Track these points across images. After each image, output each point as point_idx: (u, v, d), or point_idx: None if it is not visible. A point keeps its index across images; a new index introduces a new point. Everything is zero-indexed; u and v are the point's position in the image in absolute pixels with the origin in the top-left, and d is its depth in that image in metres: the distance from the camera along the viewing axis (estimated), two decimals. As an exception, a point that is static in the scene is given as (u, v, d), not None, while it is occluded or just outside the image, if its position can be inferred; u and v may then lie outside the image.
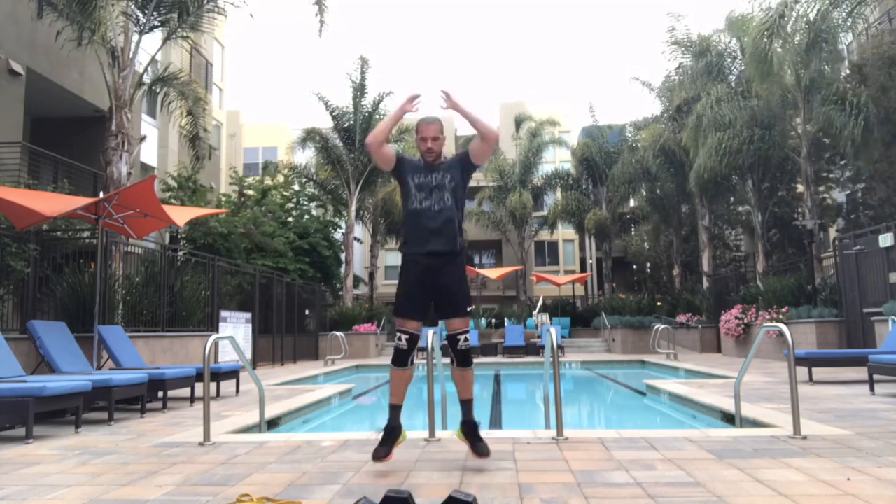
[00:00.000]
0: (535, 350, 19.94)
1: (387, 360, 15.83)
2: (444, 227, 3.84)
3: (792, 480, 3.40)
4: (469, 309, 3.95)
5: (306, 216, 26.67)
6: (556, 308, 27.09)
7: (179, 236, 18.32)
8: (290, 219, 25.94)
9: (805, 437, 4.60)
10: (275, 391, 9.17)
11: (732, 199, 25.58)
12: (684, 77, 22.53)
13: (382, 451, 3.74)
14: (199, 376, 8.05)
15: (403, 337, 3.86)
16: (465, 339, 3.89)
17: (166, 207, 8.62)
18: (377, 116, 25.76)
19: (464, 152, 4.01)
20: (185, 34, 13.44)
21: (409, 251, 3.90)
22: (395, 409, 3.90)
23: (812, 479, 3.43)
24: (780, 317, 14.69)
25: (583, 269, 39.39)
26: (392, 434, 3.82)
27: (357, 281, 28.82)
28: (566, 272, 38.79)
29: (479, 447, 3.85)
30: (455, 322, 3.88)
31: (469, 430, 3.90)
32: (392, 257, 38.74)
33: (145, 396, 6.80)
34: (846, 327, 13.13)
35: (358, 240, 30.45)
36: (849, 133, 15.08)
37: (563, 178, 32.18)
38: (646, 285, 32.29)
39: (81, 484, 3.64)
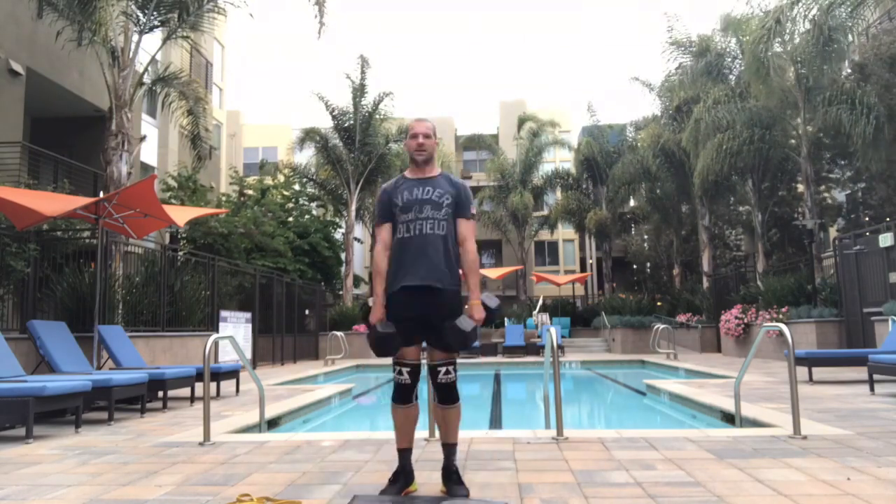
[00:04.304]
0: (535, 350, 19.94)
1: (387, 359, 15.83)
2: (430, 256, 3.24)
3: (792, 480, 3.41)
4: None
5: (306, 216, 26.68)
6: (556, 308, 27.09)
7: (179, 236, 18.36)
8: (290, 219, 25.96)
9: (805, 437, 4.60)
10: (275, 391, 9.17)
11: (732, 199, 25.58)
12: (684, 77, 22.53)
13: (391, 490, 3.23)
14: (199, 376, 8.05)
15: (405, 370, 3.28)
16: (447, 372, 3.27)
17: (166, 207, 8.62)
18: (377, 116, 25.74)
19: (458, 195, 3.36)
20: (185, 34, 13.44)
21: (389, 289, 3.32)
22: (404, 454, 3.33)
23: (812, 478, 3.43)
24: (780, 316, 14.68)
25: (583, 269, 39.38)
26: (400, 478, 3.29)
27: (357, 281, 28.80)
28: (566, 272, 38.78)
29: (455, 490, 3.23)
30: (438, 353, 3.29)
31: (448, 476, 3.30)
32: (392, 257, 38.66)
33: (145, 396, 6.80)
34: (846, 327, 13.12)
35: (358, 240, 30.44)
36: (860, 132, 15.07)
37: (563, 178, 32.18)
38: (646, 285, 32.27)
39: (81, 484, 3.64)
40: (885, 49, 16.13)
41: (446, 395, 3.29)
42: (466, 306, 3.30)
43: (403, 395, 3.30)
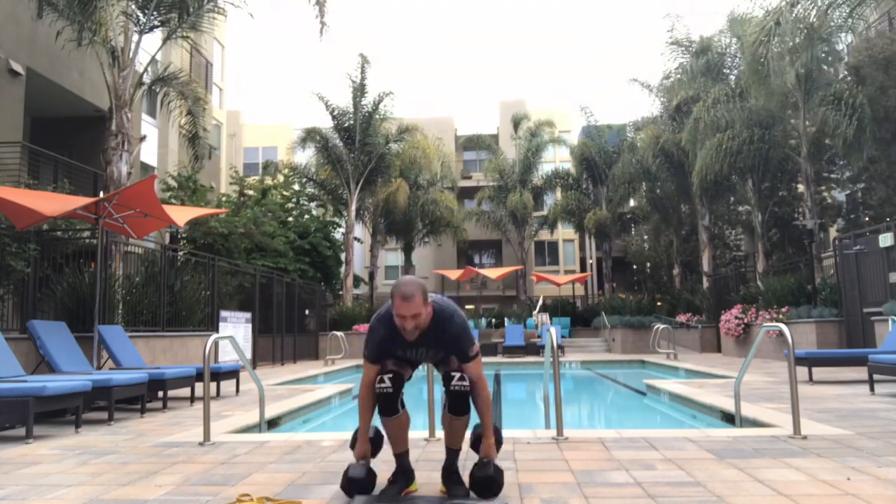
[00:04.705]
0: (535, 350, 19.95)
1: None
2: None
3: (792, 480, 3.40)
4: (472, 354, 3.23)
5: (306, 216, 26.69)
6: (556, 308, 27.09)
7: (179, 236, 18.35)
8: (290, 219, 25.95)
9: (805, 437, 4.60)
10: (275, 391, 9.17)
11: (732, 199, 25.57)
12: (684, 76, 22.50)
13: (391, 490, 3.23)
14: (199, 376, 8.05)
15: (386, 377, 3.18)
16: (462, 379, 3.18)
17: (166, 207, 8.63)
18: (377, 116, 25.73)
19: (456, 349, 3.24)
20: (185, 34, 13.43)
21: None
22: (401, 457, 3.32)
23: (812, 478, 3.43)
24: (780, 316, 14.68)
25: (583, 269, 39.38)
26: (400, 478, 3.28)
27: (357, 281, 28.79)
28: (566, 272, 38.78)
29: (455, 490, 3.22)
30: (453, 361, 3.25)
31: (448, 476, 3.29)
32: (392, 257, 38.74)
33: (145, 396, 6.80)
34: (846, 327, 13.12)
35: (358, 240, 30.44)
36: (841, 133, 15.13)
37: (563, 178, 32.16)
38: (646, 285, 32.28)
39: (81, 484, 3.64)
40: (878, 51, 16.13)
41: (458, 404, 3.21)
42: (481, 453, 3.28)
43: (387, 406, 3.19)
